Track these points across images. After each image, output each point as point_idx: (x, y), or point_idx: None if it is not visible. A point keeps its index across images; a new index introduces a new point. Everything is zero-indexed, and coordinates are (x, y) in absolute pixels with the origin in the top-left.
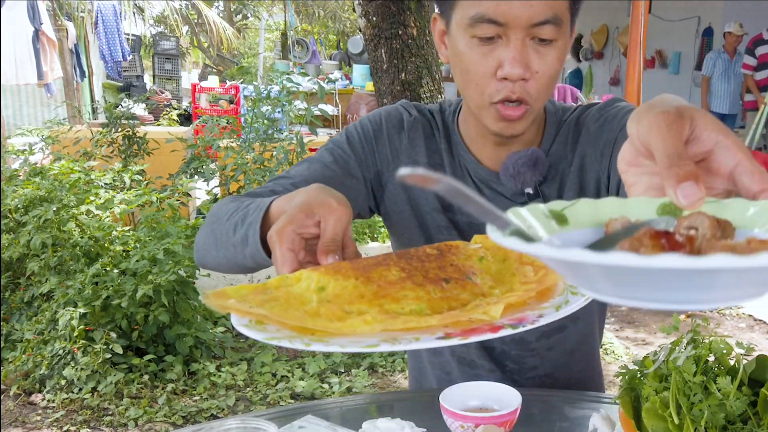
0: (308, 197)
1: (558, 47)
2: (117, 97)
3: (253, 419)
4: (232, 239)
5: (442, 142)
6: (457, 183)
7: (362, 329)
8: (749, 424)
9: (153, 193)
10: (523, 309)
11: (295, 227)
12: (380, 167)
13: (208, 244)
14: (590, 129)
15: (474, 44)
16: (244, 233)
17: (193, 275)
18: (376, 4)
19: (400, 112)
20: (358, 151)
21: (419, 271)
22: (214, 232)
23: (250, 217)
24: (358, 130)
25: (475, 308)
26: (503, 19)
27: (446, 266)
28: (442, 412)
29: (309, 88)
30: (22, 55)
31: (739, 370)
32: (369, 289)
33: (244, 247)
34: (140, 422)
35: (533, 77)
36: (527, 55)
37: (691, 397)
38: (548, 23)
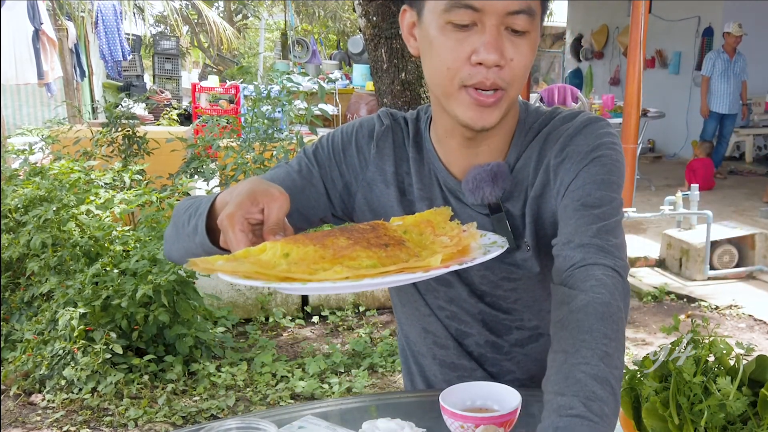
0: (251, 187)
1: (531, 39)
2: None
3: (253, 419)
4: (186, 229)
5: (411, 151)
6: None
7: (333, 277)
8: (749, 424)
9: (153, 192)
10: (456, 260)
11: (243, 212)
12: (348, 178)
13: (171, 236)
14: (552, 157)
15: (448, 30)
16: (195, 223)
17: (193, 275)
18: (376, 4)
19: (373, 122)
20: (323, 163)
21: (363, 239)
22: (174, 225)
23: (201, 208)
24: (328, 142)
25: (417, 262)
26: (479, 6)
27: (381, 236)
28: (442, 412)
29: (309, 88)
30: (23, 55)
31: (739, 370)
32: (327, 252)
33: (195, 236)
34: (140, 422)
35: (507, 65)
36: (502, 42)
37: (691, 397)
38: (522, 13)
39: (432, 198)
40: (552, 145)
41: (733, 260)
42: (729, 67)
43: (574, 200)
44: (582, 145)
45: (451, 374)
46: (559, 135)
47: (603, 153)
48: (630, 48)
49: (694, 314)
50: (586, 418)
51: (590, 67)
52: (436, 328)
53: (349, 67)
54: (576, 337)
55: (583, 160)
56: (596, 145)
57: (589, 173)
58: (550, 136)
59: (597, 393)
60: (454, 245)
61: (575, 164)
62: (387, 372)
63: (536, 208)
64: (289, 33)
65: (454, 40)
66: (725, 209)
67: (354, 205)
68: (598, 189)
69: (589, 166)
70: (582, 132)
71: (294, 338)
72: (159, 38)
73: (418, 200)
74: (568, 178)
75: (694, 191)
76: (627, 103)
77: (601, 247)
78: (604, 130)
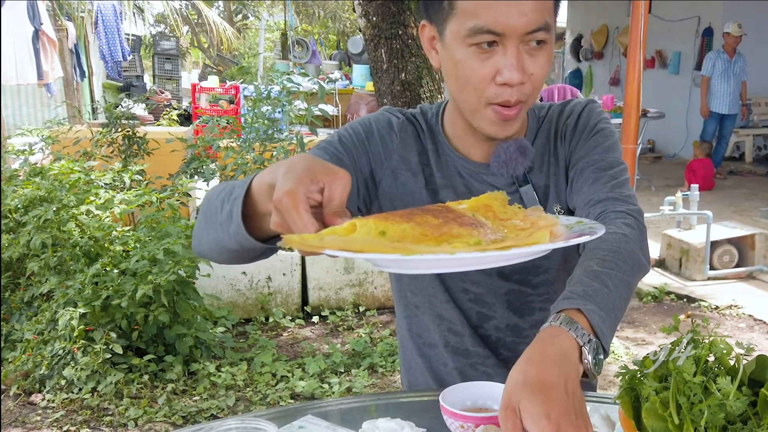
0: (308, 164)
1: (547, 49)
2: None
3: (252, 419)
4: (219, 218)
5: (428, 143)
6: None
7: (461, 249)
8: (749, 424)
9: (153, 193)
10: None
11: (304, 190)
12: (373, 166)
13: (201, 227)
14: (565, 131)
15: (471, 53)
16: (228, 210)
17: (193, 275)
18: (376, 4)
19: (387, 116)
20: (351, 150)
21: (451, 219)
22: (204, 214)
23: (235, 192)
24: (349, 131)
25: (526, 238)
26: (501, 30)
27: (461, 217)
28: (442, 412)
29: (309, 88)
30: (23, 55)
31: (739, 370)
32: (426, 230)
33: (229, 224)
34: (140, 422)
35: (528, 80)
36: (523, 60)
37: (691, 397)
38: (540, 30)
39: (454, 186)
40: (563, 121)
41: (733, 260)
42: (729, 67)
43: (589, 165)
44: (587, 120)
45: (464, 361)
46: (567, 114)
47: (605, 126)
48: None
49: (694, 314)
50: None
51: (590, 67)
52: (452, 315)
53: (349, 67)
54: (584, 260)
55: (590, 132)
56: (598, 120)
57: (597, 142)
58: (561, 115)
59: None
60: (531, 225)
61: (585, 136)
62: (387, 372)
63: (557, 177)
64: (289, 33)
65: (477, 61)
66: (725, 209)
67: (377, 193)
68: (607, 154)
69: (596, 136)
70: (585, 110)
71: (294, 338)
72: (159, 38)
73: (441, 188)
74: (579, 147)
75: (694, 191)
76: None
77: (616, 198)
78: (599, 110)
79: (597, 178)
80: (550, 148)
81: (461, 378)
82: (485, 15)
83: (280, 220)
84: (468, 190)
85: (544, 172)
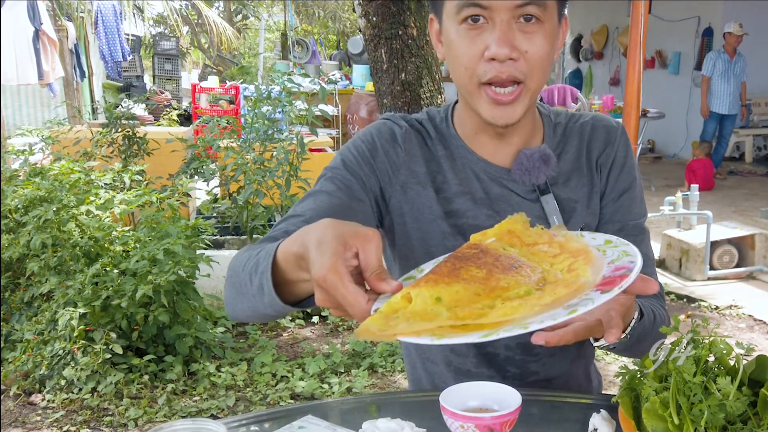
0: (337, 232)
1: (546, 29)
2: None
3: (202, 420)
4: (251, 290)
5: (438, 149)
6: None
7: (519, 312)
8: (749, 424)
9: (153, 193)
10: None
11: (343, 262)
12: (382, 184)
13: (233, 297)
14: (599, 155)
15: (462, 30)
16: (258, 282)
17: (193, 275)
18: (376, 4)
19: (389, 126)
20: (357, 173)
21: (493, 266)
22: (234, 286)
23: (261, 265)
24: (352, 151)
25: (573, 279)
26: (486, 4)
27: (499, 259)
28: (442, 412)
29: (309, 89)
30: (23, 55)
31: (739, 370)
32: (477, 287)
33: (262, 297)
34: (140, 422)
35: (522, 57)
36: (513, 35)
37: (691, 398)
38: (531, 4)
39: (471, 192)
40: (599, 147)
41: (733, 260)
42: (729, 67)
43: (626, 213)
44: (627, 157)
45: (466, 381)
46: (605, 141)
47: (636, 174)
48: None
49: (694, 314)
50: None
51: (590, 67)
52: None
53: (349, 67)
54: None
55: (629, 175)
56: (633, 162)
57: (635, 193)
58: (595, 136)
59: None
60: (561, 251)
61: (626, 176)
62: (387, 372)
63: (588, 199)
64: (289, 33)
65: (468, 39)
66: (725, 209)
67: (388, 209)
68: (639, 212)
69: (633, 187)
70: (623, 142)
71: (294, 338)
72: (159, 39)
73: (456, 196)
74: (621, 185)
75: (694, 191)
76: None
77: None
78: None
79: (632, 228)
80: (582, 168)
81: None
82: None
83: (326, 297)
84: (486, 195)
85: (571, 187)
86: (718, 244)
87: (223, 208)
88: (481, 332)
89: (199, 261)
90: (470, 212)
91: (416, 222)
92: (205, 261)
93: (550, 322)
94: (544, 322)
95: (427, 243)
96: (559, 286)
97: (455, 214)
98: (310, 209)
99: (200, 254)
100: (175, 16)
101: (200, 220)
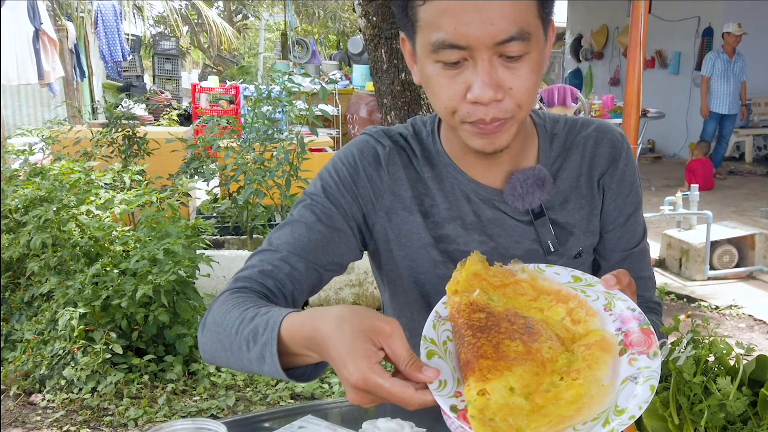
0: (357, 329)
1: (531, 59)
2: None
3: (203, 420)
4: (246, 355)
5: (425, 170)
6: None
7: (586, 389)
8: (749, 424)
9: (153, 193)
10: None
11: (376, 361)
12: (365, 210)
13: (216, 350)
14: (602, 173)
15: (439, 68)
16: (259, 353)
17: (193, 275)
18: (376, 4)
19: (372, 146)
20: (338, 201)
21: (514, 333)
22: (221, 342)
23: (263, 337)
24: (333, 177)
25: (598, 340)
26: (465, 43)
27: (511, 320)
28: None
29: (309, 89)
30: (23, 55)
31: (739, 370)
32: (532, 368)
33: (261, 365)
34: (140, 422)
35: (507, 94)
36: (497, 75)
37: (691, 397)
38: (514, 39)
39: (462, 216)
40: (603, 164)
41: (733, 260)
42: (729, 67)
43: (631, 238)
44: (635, 176)
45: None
46: (609, 158)
47: (640, 192)
48: (630, 48)
49: (694, 314)
50: None
51: (590, 67)
52: None
53: (349, 67)
54: None
55: (636, 196)
56: (638, 179)
57: (639, 214)
58: (599, 151)
59: None
60: (536, 293)
61: (634, 198)
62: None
63: (587, 222)
64: (289, 33)
65: (446, 78)
66: (725, 209)
67: (373, 236)
68: (643, 221)
69: (639, 208)
70: (630, 161)
71: None
72: (159, 38)
73: (446, 221)
74: (628, 209)
75: (694, 191)
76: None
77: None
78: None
79: (639, 253)
80: (581, 188)
81: None
82: (446, 26)
83: (365, 397)
84: (478, 218)
85: (568, 209)
86: (718, 244)
87: (223, 208)
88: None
89: (199, 261)
90: (461, 238)
91: (403, 249)
92: (205, 261)
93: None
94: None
95: (416, 271)
96: (594, 349)
97: (445, 240)
98: (287, 244)
99: (200, 254)
100: (175, 16)
101: (200, 220)
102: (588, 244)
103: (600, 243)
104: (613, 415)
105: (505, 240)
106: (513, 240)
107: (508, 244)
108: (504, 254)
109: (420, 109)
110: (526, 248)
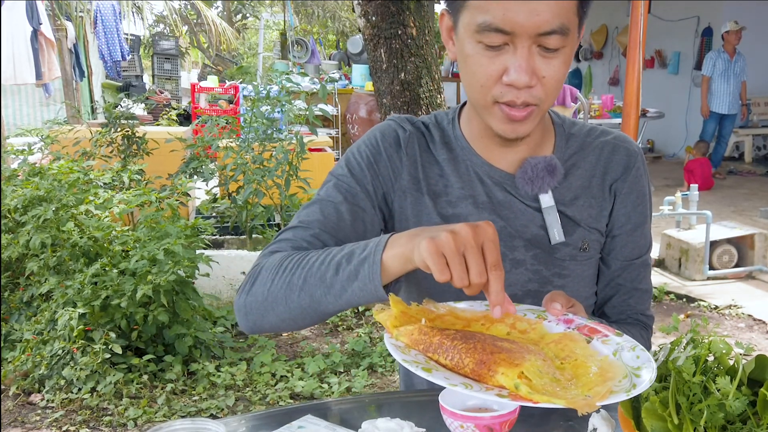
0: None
1: (565, 53)
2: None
3: (202, 420)
4: (330, 281)
5: (441, 153)
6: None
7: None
8: (749, 424)
9: (152, 193)
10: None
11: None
12: (385, 189)
13: (275, 297)
14: (615, 178)
15: (480, 48)
16: (353, 269)
17: (193, 275)
18: (376, 4)
19: (394, 129)
20: (361, 180)
21: (494, 337)
22: (289, 284)
23: (362, 254)
24: (356, 157)
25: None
26: (510, 28)
27: (485, 332)
28: (442, 412)
29: (309, 88)
30: (21, 55)
31: (739, 370)
32: (534, 355)
33: (352, 281)
34: (140, 422)
35: (540, 82)
36: (534, 62)
37: (690, 397)
38: (555, 33)
39: (474, 195)
40: (618, 170)
41: (732, 260)
42: (729, 67)
43: (635, 248)
44: (645, 190)
45: None
46: (624, 166)
47: (649, 203)
48: (629, 48)
49: (694, 314)
50: None
51: (589, 67)
52: None
53: (349, 67)
54: None
55: (646, 208)
56: (650, 192)
57: (647, 227)
58: (614, 158)
59: None
60: (458, 319)
61: (644, 208)
62: (386, 372)
63: (596, 221)
64: (288, 33)
65: (486, 58)
66: (725, 209)
67: (392, 213)
68: (648, 239)
69: (647, 222)
70: (644, 172)
71: (293, 338)
72: (158, 38)
73: (459, 200)
74: (638, 219)
75: (694, 191)
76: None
77: (641, 298)
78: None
79: (641, 265)
80: (592, 188)
81: None
82: (495, 11)
83: (448, 253)
84: (489, 199)
85: (577, 206)
86: (718, 243)
87: (222, 207)
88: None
89: (199, 261)
90: (472, 216)
91: (415, 226)
92: (204, 261)
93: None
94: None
95: None
96: (563, 342)
97: (456, 219)
98: (318, 221)
99: (200, 254)
100: (174, 16)
101: (200, 220)
102: (594, 239)
103: (604, 247)
104: (634, 377)
105: (514, 222)
106: (521, 223)
107: (516, 226)
108: (513, 234)
109: (420, 109)
110: (533, 233)
